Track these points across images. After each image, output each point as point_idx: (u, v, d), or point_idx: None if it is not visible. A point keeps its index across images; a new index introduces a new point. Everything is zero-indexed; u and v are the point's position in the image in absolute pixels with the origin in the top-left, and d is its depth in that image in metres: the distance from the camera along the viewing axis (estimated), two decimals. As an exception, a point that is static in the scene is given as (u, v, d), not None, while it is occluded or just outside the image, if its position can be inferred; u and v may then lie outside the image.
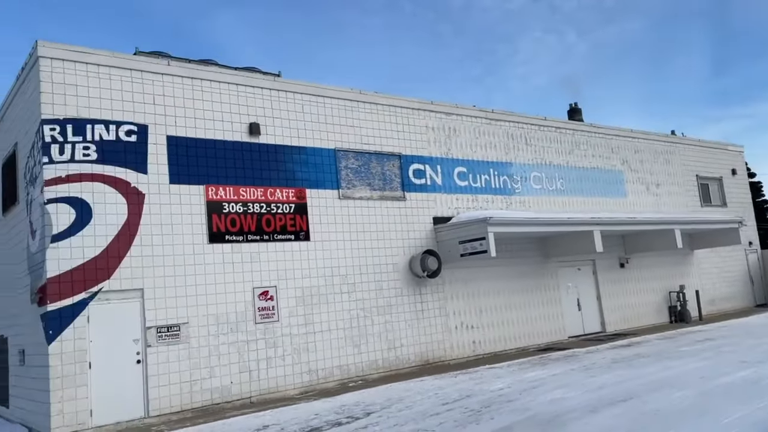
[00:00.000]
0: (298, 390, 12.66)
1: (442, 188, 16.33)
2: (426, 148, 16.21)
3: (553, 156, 19.20)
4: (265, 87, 13.65)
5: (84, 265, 10.80)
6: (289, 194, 13.45)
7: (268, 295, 12.68)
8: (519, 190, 18.00)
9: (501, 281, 16.88)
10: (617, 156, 21.22)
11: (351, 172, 14.63)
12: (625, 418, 8.09)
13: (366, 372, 13.78)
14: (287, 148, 13.65)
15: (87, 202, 11.02)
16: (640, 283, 20.75)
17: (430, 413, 9.55)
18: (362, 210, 14.62)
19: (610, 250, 19.45)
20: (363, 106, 15.18)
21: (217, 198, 12.46)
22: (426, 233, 15.66)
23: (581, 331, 18.72)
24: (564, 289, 18.56)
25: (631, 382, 10.69)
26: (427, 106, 16.51)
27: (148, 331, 11.23)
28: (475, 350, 15.96)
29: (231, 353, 12.05)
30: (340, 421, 9.58)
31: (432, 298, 15.39)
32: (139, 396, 11.02)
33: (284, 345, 12.72)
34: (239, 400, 11.94)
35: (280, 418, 10.30)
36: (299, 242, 13.39)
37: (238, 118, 13.10)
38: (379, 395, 11.61)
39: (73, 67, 11.34)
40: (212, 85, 12.94)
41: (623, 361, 13.46)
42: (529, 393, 10.48)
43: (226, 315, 12.12)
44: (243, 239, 12.63)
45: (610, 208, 20.18)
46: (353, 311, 13.90)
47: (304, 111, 14.11)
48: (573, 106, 23.43)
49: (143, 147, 11.81)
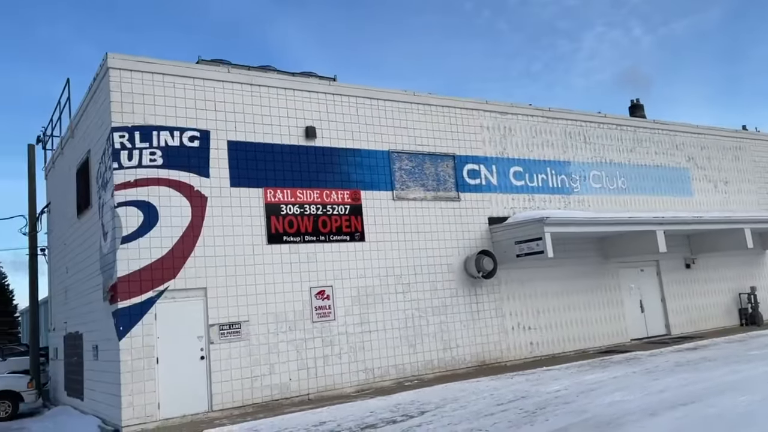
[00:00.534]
0: (354, 388, 12.87)
1: (498, 188, 16.22)
2: (481, 148, 16.14)
3: (613, 154, 18.73)
4: (321, 91, 13.95)
5: (151, 264, 11.36)
6: (344, 196, 13.69)
7: (325, 294, 12.95)
8: (577, 190, 17.66)
9: (559, 282, 16.60)
10: (682, 153, 20.48)
11: (405, 173, 14.75)
12: (685, 421, 7.86)
13: (421, 372, 13.86)
14: (342, 151, 13.91)
15: (154, 205, 11.59)
16: (708, 285, 19.94)
17: (484, 413, 9.54)
18: (416, 211, 14.71)
19: (675, 251, 18.80)
20: (416, 108, 15.27)
21: (275, 200, 12.83)
22: (481, 233, 15.60)
23: (644, 334, 18.17)
24: (626, 290, 18.06)
25: (694, 386, 10.34)
26: (482, 105, 16.44)
27: (211, 328, 11.69)
28: (533, 352, 15.77)
29: (289, 351, 12.38)
30: (395, 419, 9.70)
31: (488, 299, 15.30)
32: (202, 391, 11.48)
33: (340, 343, 12.96)
34: (297, 397, 12.25)
35: (336, 414, 10.52)
36: (354, 243, 13.61)
37: (295, 122, 13.45)
38: (435, 395, 11.66)
39: (140, 77, 11.95)
40: (270, 90, 13.33)
41: (688, 364, 13.01)
42: (586, 395, 10.31)
43: (284, 313, 12.47)
44: (300, 240, 12.95)
45: (675, 207, 19.50)
46: (408, 311, 14.00)
47: (358, 114, 14.34)
48: (635, 103, 22.74)
49: (205, 152, 12.30)
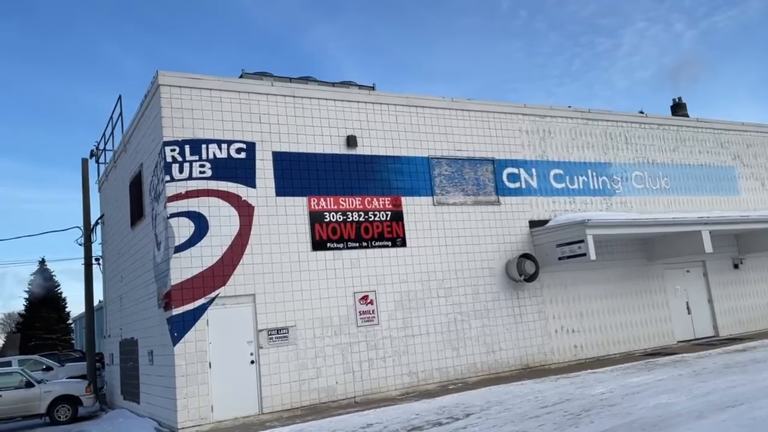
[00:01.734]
0: (399, 391, 13.11)
1: (538, 191, 16.26)
2: (520, 151, 16.21)
3: (655, 154, 18.52)
4: (361, 101, 14.28)
5: (203, 272, 11.85)
6: (385, 202, 13.97)
7: (368, 299, 13.24)
8: (619, 191, 17.54)
9: (602, 285, 16.51)
10: (727, 151, 20.09)
11: (444, 179, 14.94)
12: (732, 423, 7.83)
13: (465, 375, 14.00)
14: (383, 158, 14.20)
15: (204, 215, 12.09)
16: (758, 285, 19.49)
17: (529, 416, 9.65)
18: (456, 215, 14.88)
19: (722, 251, 18.45)
20: (455, 114, 15.46)
21: (318, 208, 13.20)
22: (522, 237, 15.66)
23: (692, 336, 17.88)
24: (671, 291, 17.82)
25: (743, 388, 10.22)
26: (520, 109, 16.51)
27: (260, 333, 12.10)
28: (577, 355, 15.72)
29: (335, 355, 12.71)
30: (440, 421, 9.90)
31: (530, 302, 15.35)
32: (253, 394, 11.90)
33: (385, 347, 13.22)
34: (344, 400, 12.56)
35: (382, 417, 10.77)
36: (396, 248, 13.87)
37: (336, 132, 13.80)
38: (479, 397, 11.80)
39: (188, 92, 12.48)
40: (311, 101, 13.72)
41: (736, 366, 12.81)
42: (632, 398, 10.30)
43: (330, 318, 12.81)
44: (343, 246, 13.28)
45: (721, 207, 19.15)
46: (450, 315, 14.17)
47: (398, 121, 14.61)
48: (677, 101, 22.41)
49: (251, 163, 12.76)
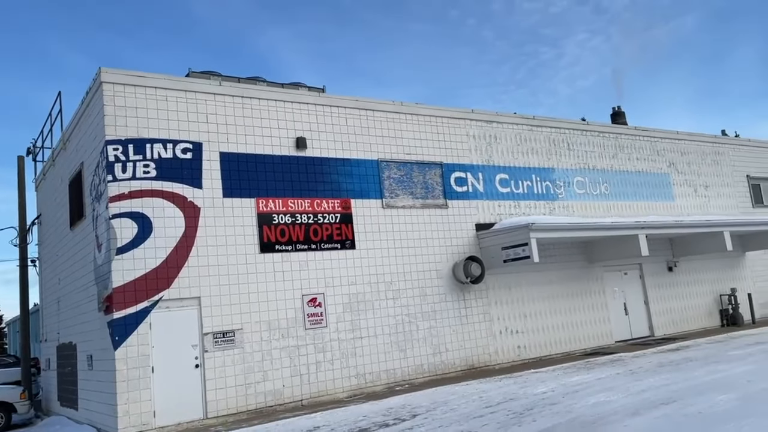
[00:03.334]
0: (347, 393, 13.14)
1: (484, 195, 16.59)
2: (467, 156, 16.51)
3: (596, 160, 19.19)
4: (310, 102, 14.24)
5: (146, 275, 11.56)
6: (334, 205, 13.98)
7: (317, 301, 13.21)
8: (562, 196, 18.08)
9: (545, 286, 16.99)
10: (663, 158, 21.01)
11: (394, 182, 15.07)
12: (665, 420, 8.22)
13: (412, 376, 14.15)
14: (332, 161, 14.21)
15: (148, 216, 11.80)
16: (690, 287, 20.45)
17: (473, 415, 9.85)
18: (405, 218, 15.03)
19: (658, 254, 19.29)
20: (405, 117, 15.62)
21: (267, 210, 13.09)
22: (469, 240, 15.94)
23: (629, 336, 18.61)
24: (610, 293, 18.50)
25: (676, 386, 10.72)
26: (468, 114, 16.82)
27: (205, 337, 11.90)
28: (520, 355, 16.12)
29: (283, 358, 12.62)
30: (387, 423, 9.98)
31: (476, 304, 15.64)
32: (197, 398, 11.69)
33: (333, 350, 13.22)
34: (291, 403, 12.49)
35: (330, 419, 10.77)
36: (345, 251, 13.90)
37: (286, 133, 13.73)
38: (425, 398, 11.95)
39: (132, 90, 12.17)
40: (260, 102, 13.60)
41: (670, 365, 13.42)
42: (572, 396, 10.65)
43: (277, 321, 12.71)
44: (292, 249, 13.21)
45: (657, 212, 20.00)
46: (398, 317, 14.30)
47: (348, 124, 14.65)
48: (616, 110, 23.28)
49: (198, 163, 12.54)
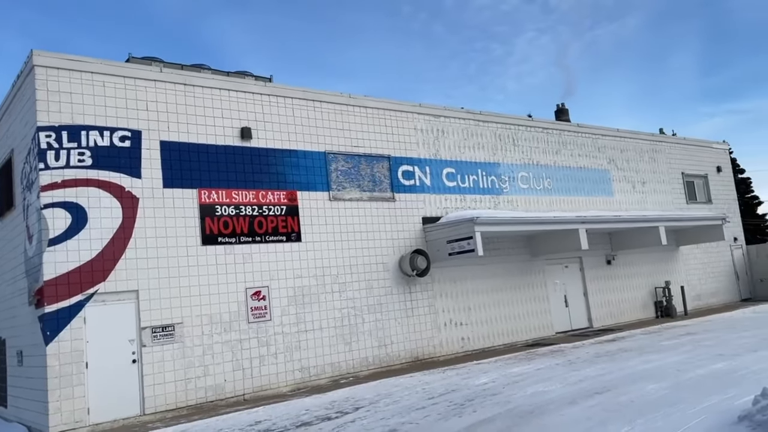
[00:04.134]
0: (291, 387, 13.02)
1: (431, 189, 16.70)
2: (415, 149, 16.57)
3: (540, 156, 19.60)
4: (256, 92, 13.98)
5: (80, 267, 11.12)
6: (280, 197, 13.79)
7: (261, 295, 13.03)
8: (507, 190, 18.39)
9: (489, 279, 17.27)
10: (604, 155, 21.64)
11: (341, 174, 14.98)
12: (599, 408, 8.49)
13: (357, 369, 14.15)
14: (278, 152, 14.00)
15: (82, 206, 11.34)
16: (627, 280, 21.19)
17: (416, 407, 9.92)
18: (352, 211, 14.98)
19: (597, 248, 19.89)
20: (353, 110, 15.53)
21: (209, 201, 12.79)
22: (415, 233, 16.03)
23: (568, 327, 19.14)
24: (551, 286, 18.97)
25: (611, 375, 11.09)
26: (416, 108, 16.87)
27: (143, 331, 11.56)
28: (464, 347, 16.35)
29: (224, 352, 12.39)
30: (330, 416, 9.95)
31: (421, 297, 15.76)
32: (134, 394, 11.35)
33: (276, 343, 13.08)
34: (233, 398, 12.29)
35: (272, 413, 10.66)
36: (291, 243, 13.74)
37: (230, 123, 13.44)
38: (369, 391, 11.98)
39: (67, 75, 11.65)
40: (204, 90, 13.26)
41: (606, 355, 13.87)
42: (512, 387, 10.87)
43: (219, 315, 12.47)
44: (236, 241, 12.97)
45: (597, 207, 20.61)
46: (344, 310, 14.26)
47: (294, 115, 14.46)
48: (560, 107, 23.84)
49: (137, 152, 12.13)
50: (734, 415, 6.87)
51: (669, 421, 7.44)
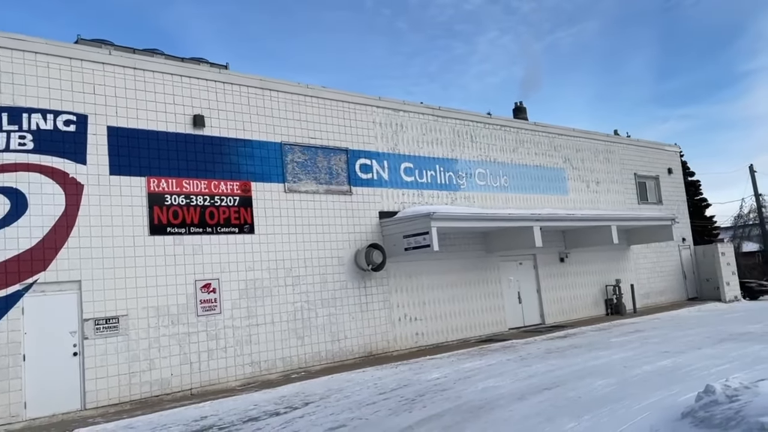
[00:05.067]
0: (240, 382, 12.75)
1: (389, 183, 16.60)
2: (373, 143, 16.44)
3: (497, 153, 19.71)
4: (210, 79, 13.60)
5: (19, 256, 10.61)
6: (233, 187, 13.47)
7: (211, 287, 12.70)
8: (464, 186, 18.44)
9: (444, 275, 17.30)
10: (559, 154, 21.93)
11: (297, 166, 14.74)
12: (548, 404, 8.54)
13: (309, 364, 13.96)
14: (232, 141, 13.66)
15: (22, 192, 10.82)
16: (579, 277, 21.55)
17: (366, 402, 9.82)
18: (308, 204, 14.75)
19: (551, 245, 20.15)
20: (310, 101, 15.29)
21: (159, 190, 12.39)
22: (372, 227, 15.91)
23: (521, 323, 19.35)
24: (505, 282, 19.13)
25: (560, 371, 11.22)
26: (375, 102, 16.73)
27: (85, 323, 11.12)
28: (418, 342, 16.34)
29: (171, 345, 12.04)
30: (278, 411, 9.76)
31: (376, 291, 15.66)
32: (75, 388, 10.91)
33: (226, 337, 12.78)
34: (179, 392, 11.95)
35: (219, 408, 10.40)
36: (243, 235, 13.44)
37: (182, 110, 13.03)
38: (320, 386, 11.83)
39: (9, 54, 11.08)
40: (155, 75, 12.82)
41: (557, 351, 14.05)
42: (463, 382, 10.88)
43: (167, 307, 12.10)
44: (185, 231, 12.60)
45: (552, 205, 20.88)
46: (297, 304, 14.04)
47: (249, 104, 14.13)
48: (518, 105, 24.04)
49: (82, 137, 11.64)
50: (678, 412, 6.99)
51: (614, 416, 7.53)
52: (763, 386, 5.90)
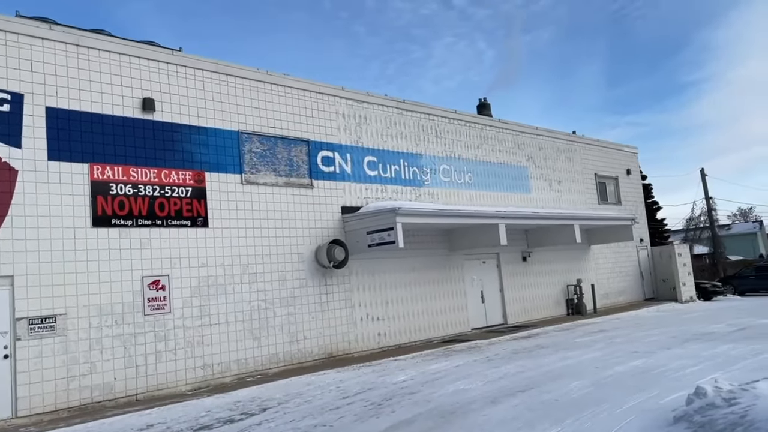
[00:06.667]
0: (191, 386, 11.86)
1: (352, 177, 15.92)
2: (336, 135, 15.73)
3: (462, 149, 19.27)
4: (162, 60, 12.65)
5: (-60, 248, 9.50)
6: (186, 177, 12.55)
7: (160, 284, 11.76)
8: (428, 182, 17.91)
9: (408, 273, 16.73)
10: (523, 152, 21.66)
11: (255, 157, 13.91)
12: (523, 407, 8.04)
13: (266, 366, 13.15)
14: (185, 128, 12.74)
15: (-54, 176, 9.70)
16: (541, 277, 21.33)
17: (329, 408, 9.13)
18: (267, 197, 13.94)
19: (514, 244, 19.82)
20: (270, 88, 14.48)
21: (103, 178, 11.39)
22: (334, 222, 15.20)
23: (484, 323, 18.95)
24: (469, 281, 18.70)
25: (530, 372, 10.77)
26: (338, 92, 16.03)
27: (18, 322, 10.05)
28: (380, 342, 15.71)
29: (115, 347, 11.06)
30: (233, 418, 8.97)
31: (338, 290, 14.96)
32: (5, 394, 9.84)
33: (176, 338, 11.86)
34: (124, 398, 10.99)
35: (166, 416, 9.53)
36: (196, 228, 12.55)
37: (130, 92, 12.05)
38: (278, 390, 11.07)
39: (-68, 22, 9.94)
40: (101, 54, 11.81)
41: (523, 351, 13.65)
42: (431, 385, 10.31)
43: (110, 306, 11.11)
44: (132, 224, 11.64)
45: (516, 203, 20.57)
46: (254, 302, 13.22)
47: (205, 89, 13.24)
48: (482, 101, 23.68)
49: (17, 118, 10.56)
50: (666, 415, 6.56)
51: (598, 421, 7.06)
52: (761, 388, 5.50)
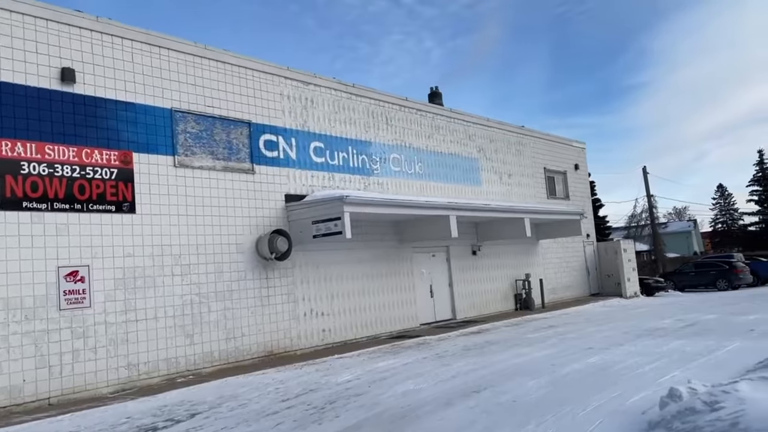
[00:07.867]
0: (113, 388, 10.70)
1: (297, 163, 14.97)
2: (280, 117, 14.73)
3: (413, 138, 18.58)
4: (85, 27, 11.36)
5: None
6: (110, 157, 11.33)
7: (78, 276, 10.53)
8: (377, 171, 17.13)
9: (355, 266, 15.91)
10: (474, 144, 21.17)
11: (190, 137, 12.77)
12: (479, 410, 7.36)
13: (199, 365, 12.09)
14: (111, 103, 11.50)
15: None
16: (490, 271, 20.92)
17: (266, 412, 8.23)
18: (203, 181, 12.84)
19: (464, 238, 19.29)
20: (208, 64, 13.35)
21: (13, 155, 10.07)
22: (277, 211, 14.22)
23: (433, 318, 18.35)
24: (418, 275, 18.06)
25: (484, 371, 10.16)
26: (283, 71, 15.02)
27: None
28: (325, 339, 14.85)
29: (25, 345, 9.80)
30: (156, 425, 7.94)
31: (280, 283, 14.00)
32: None
33: (97, 335, 10.66)
34: (34, 402, 9.74)
35: (80, 423, 8.40)
36: (122, 214, 11.35)
37: (47, 60, 10.74)
38: (211, 392, 10.07)
39: None
40: (13, 16, 10.45)
41: (474, 348, 13.07)
42: (379, 385, 9.54)
43: (19, 299, 9.84)
44: (47, 207, 10.36)
45: (466, 195, 20.04)
46: (186, 296, 12.12)
47: (134, 61, 12.01)
48: (434, 90, 23.03)
49: None
50: (637, 418, 6.00)
51: (562, 425, 6.44)
52: (744, 391, 4.97)
